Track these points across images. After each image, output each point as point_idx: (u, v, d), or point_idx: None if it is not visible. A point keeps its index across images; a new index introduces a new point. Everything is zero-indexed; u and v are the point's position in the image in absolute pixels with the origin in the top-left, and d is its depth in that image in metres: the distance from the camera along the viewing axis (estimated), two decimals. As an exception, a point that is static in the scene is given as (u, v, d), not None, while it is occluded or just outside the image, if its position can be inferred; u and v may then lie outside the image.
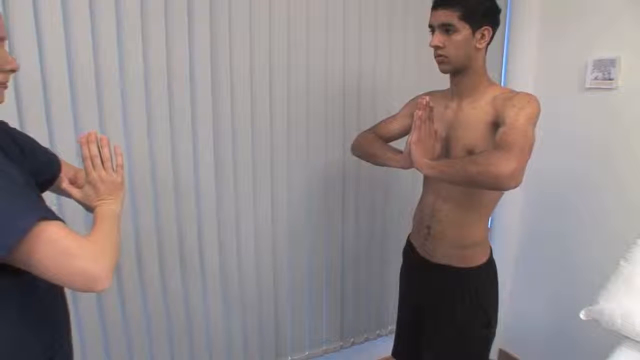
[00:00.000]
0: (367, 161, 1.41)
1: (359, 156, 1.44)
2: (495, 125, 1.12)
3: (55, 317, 0.83)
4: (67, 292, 0.90)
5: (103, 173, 0.85)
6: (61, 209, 1.31)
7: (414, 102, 1.39)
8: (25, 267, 0.63)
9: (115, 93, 1.34)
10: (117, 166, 0.88)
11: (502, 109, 1.10)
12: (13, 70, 0.76)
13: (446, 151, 1.22)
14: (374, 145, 1.37)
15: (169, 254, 1.53)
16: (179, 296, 1.58)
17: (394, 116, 1.43)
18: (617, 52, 1.62)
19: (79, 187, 0.89)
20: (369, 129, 1.45)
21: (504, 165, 0.97)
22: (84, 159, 0.85)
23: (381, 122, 1.45)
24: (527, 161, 1.01)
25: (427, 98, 1.14)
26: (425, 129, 1.14)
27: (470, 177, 1.03)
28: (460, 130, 1.20)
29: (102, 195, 0.85)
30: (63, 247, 0.62)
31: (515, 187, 1.00)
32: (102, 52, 1.30)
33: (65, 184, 0.88)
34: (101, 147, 0.86)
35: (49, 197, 0.91)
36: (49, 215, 0.65)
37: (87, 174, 0.85)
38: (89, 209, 0.87)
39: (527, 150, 1.02)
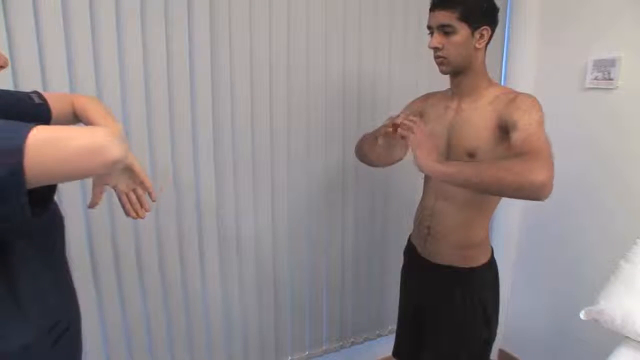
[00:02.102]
0: (365, 160, 1.41)
1: (359, 157, 1.45)
2: (498, 127, 1.11)
3: (55, 296, 0.83)
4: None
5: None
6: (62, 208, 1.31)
7: (415, 103, 1.39)
8: (39, 179, 0.62)
9: (115, 93, 1.34)
10: None
11: (507, 111, 1.09)
12: (1, 67, 0.76)
13: (447, 151, 1.22)
14: (370, 142, 1.37)
15: (169, 253, 1.53)
16: (179, 296, 1.58)
17: None
18: (617, 52, 1.62)
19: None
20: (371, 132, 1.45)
21: (540, 173, 0.94)
22: None
23: (382, 125, 1.44)
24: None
25: (396, 119, 1.17)
26: (420, 134, 1.12)
27: (502, 184, 0.97)
28: (460, 131, 1.20)
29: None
30: (54, 137, 0.60)
31: (547, 197, 0.96)
32: (102, 51, 1.30)
33: None
34: None
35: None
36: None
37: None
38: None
39: (552, 156, 1.00)
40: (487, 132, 1.14)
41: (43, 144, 0.59)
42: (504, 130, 1.10)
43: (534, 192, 0.95)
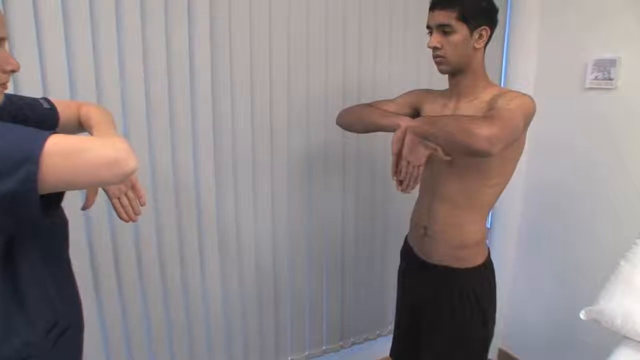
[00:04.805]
0: (352, 126, 1.37)
1: (347, 121, 1.38)
2: None
3: (56, 297, 0.84)
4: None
5: None
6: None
7: (414, 94, 1.38)
8: (53, 187, 0.63)
9: (115, 93, 1.34)
10: None
11: (495, 103, 1.10)
12: (14, 71, 0.77)
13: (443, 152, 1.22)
14: (374, 111, 1.29)
15: (168, 254, 1.53)
16: (179, 296, 1.58)
17: (391, 100, 1.41)
18: (617, 52, 1.62)
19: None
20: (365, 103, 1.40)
21: (484, 127, 0.96)
22: None
23: (378, 101, 1.40)
24: (508, 135, 0.99)
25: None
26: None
27: (449, 133, 1.02)
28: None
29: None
30: (70, 149, 0.62)
31: (489, 153, 0.97)
32: (102, 51, 1.30)
33: None
34: None
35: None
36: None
37: None
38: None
39: (511, 126, 1.01)
40: None
41: (59, 155, 0.60)
42: None
43: (469, 142, 0.97)
